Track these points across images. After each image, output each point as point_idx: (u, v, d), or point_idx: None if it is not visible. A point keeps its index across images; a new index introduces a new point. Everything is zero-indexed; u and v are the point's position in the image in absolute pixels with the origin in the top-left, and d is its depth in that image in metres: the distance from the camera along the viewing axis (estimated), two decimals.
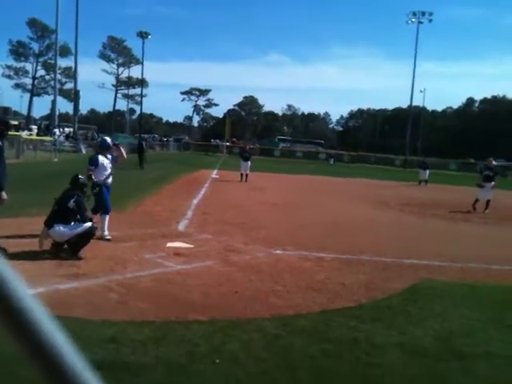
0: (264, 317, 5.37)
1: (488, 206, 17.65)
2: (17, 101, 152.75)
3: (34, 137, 40.40)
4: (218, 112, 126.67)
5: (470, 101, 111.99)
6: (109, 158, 9.29)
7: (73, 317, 4.71)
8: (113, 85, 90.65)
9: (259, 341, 4.73)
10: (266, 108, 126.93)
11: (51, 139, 38.99)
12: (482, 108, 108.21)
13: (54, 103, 53.59)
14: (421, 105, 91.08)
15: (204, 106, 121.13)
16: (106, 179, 9.17)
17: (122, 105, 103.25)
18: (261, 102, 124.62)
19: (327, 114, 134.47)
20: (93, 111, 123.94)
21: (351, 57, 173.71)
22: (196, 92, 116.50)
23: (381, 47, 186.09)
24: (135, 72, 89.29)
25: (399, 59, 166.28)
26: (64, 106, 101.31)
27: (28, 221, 7.92)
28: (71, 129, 54.63)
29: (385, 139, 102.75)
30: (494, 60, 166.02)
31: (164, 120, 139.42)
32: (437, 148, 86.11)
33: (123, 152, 9.98)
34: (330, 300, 6.16)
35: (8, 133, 8.55)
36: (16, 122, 49.41)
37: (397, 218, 15.06)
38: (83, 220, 7.33)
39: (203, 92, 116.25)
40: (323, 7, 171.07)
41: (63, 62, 72.72)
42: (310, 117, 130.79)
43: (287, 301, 6.02)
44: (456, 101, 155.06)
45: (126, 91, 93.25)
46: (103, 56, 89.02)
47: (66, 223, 7.23)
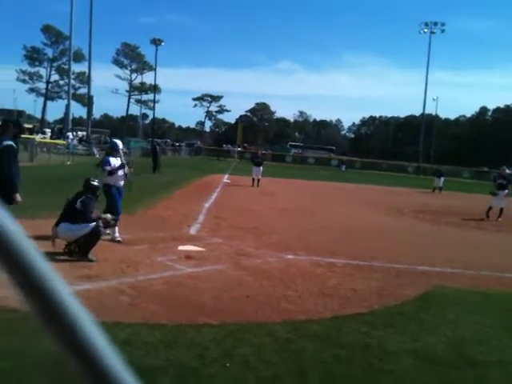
0: (275, 321, 5.35)
1: (501, 214, 17.64)
2: (31, 105, 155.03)
3: (48, 140, 40.74)
4: (230, 118, 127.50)
5: (483, 109, 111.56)
6: (120, 161, 9.31)
7: None
8: (126, 90, 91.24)
9: (270, 345, 4.71)
10: (278, 114, 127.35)
11: (64, 143, 39.33)
12: (495, 117, 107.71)
13: (68, 108, 54.12)
14: (433, 113, 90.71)
15: (216, 112, 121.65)
16: (119, 182, 9.21)
17: (135, 110, 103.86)
18: (272, 109, 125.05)
19: (339, 121, 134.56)
20: (106, 116, 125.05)
21: (363, 65, 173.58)
22: (208, 98, 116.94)
23: (392, 56, 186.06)
24: (148, 78, 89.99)
25: (411, 68, 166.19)
26: (78, 111, 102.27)
27: (42, 222, 7.98)
28: (84, 132, 55.12)
29: (397, 146, 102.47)
30: (506, 70, 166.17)
31: (176, 125, 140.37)
32: (450, 156, 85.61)
33: (129, 170, 9.63)
34: (342, 306, 6.13)
35: (21, 136, 8.63)
36: (30, 126, 49.97)
37: (410, 225, 14.96)
38: (86, 220, 7.38)
39: (215, 98, 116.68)
40: (335, 16, 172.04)
41: (77, 68, 73.30)
42: (322, 123, 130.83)
43: (299, 306, 6.00)
44: (469, 109, 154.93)
45: (139, 97, 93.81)
46: (117, 62, 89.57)
47: (73, 223, 7.31)
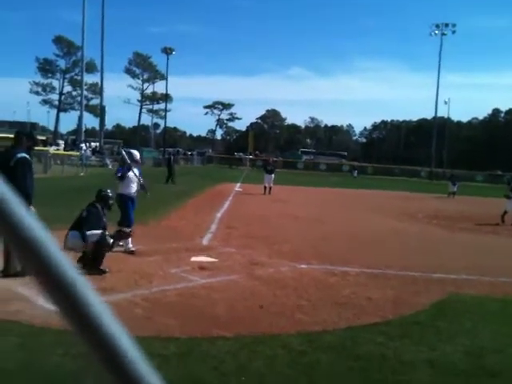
0: (289, 333, 5.31)
1: None
2: (44, 116, 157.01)
3: (61, 152, 41.10)
4: (241, 125, 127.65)
5: (496, 111, 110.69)
6: (136, 173, 9.36)
7: None
8: (138, 100, 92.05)
9: (284, 357, 4.67)
10: (289, 121, 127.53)
11: (78, 154, 39.64)
12: (508, 118, 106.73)
13: (81, 119, 54.73)
14: (446, 116, 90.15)
15: (227, 120, 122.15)
16: (133, 192, 9.23)
17: (147, 119, 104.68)
18: (283, 115, 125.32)
19: (350, 126, 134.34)
20: (118, 126, 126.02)
21: (374, 69, 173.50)
22: (219, 106, 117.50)
23: (403, 59, 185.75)
24: (160, 87, 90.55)
25: (422, 71, 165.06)
26: (90, 121, 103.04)
27: (56, 234, 8.03)
28: (97, 143, 55.58)
29: (409, 151, 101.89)
30: None
31: (188, 134, 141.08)
32: (463, 159, 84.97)
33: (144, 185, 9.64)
34: (357, 315, 6.06)
35: (35, 148, 8.71)
36: (43, 137, 50.46)
37: (424, 231, 14.83)
38: (91, 229, 7.32)
39: (226, 106, 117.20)
40: (345, 21, 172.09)
41: (89, 79, 74.10)
42: (333, 129, 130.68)
43: (313, 316, 5.95)
44: (481, 111, 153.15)
45: (151, 106, 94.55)
46: (129, 71, 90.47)
47: (78, 230, 7.31)
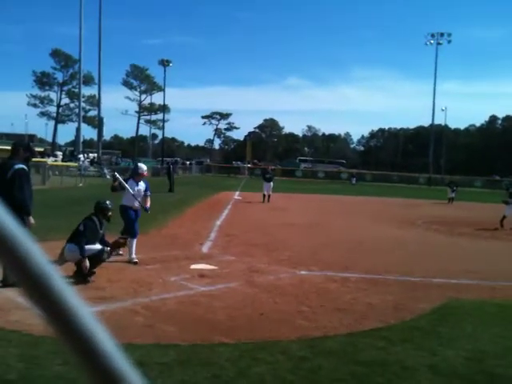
0: (290, 339, 5.29)
1: None
2: (42, 128, 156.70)
3: (60, 163, 41.14)
4: (239, 135, 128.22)
5: (493, 118, 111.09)
6: (141, 186, 9.31)
7: None
8: (136, 111, 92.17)
9: (285, 363, 4.65)
10: (287, 130, 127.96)
11: (76, 165, 39.68)
12: (505, 125, 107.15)
13: (79, 130, 54.87)
14: (443, 123, 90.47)
15: (225, 130, 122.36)
16: (135, 205, 9.18)
17: (145, 130, 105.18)
18: (281, 124, 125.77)
19: (348, 135, 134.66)
20: (116, 137, 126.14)
21: (371, 78, 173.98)
22: (217, 116, 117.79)
23: (400, 68, 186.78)
24: (157, 98, 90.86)
25: (419, 79, 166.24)
26: (88, 133, 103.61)
27: (56, 245, 8.01)
28: (95, 154, 55.63)
29: (407, 158, 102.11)
30: None
31: (186, 143, 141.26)
32: (460, 166, 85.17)
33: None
34: (357, 321, 6.05)
35: (32, 159, 8.73)
36: (41, 149, 50.52)
37: (423, 237, 14.84)
38: (85, 243, 7.30)
39: (224, 116, 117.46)
40: (342, 31, 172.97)
41: (87, 91, 74.50)
42: (331, 137, 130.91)
43: (313, 322, 5.93)
44: (478, 119, 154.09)
45: (149, 117, 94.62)
46: (126, 83, 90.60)
47: (76, 244, 7.31)
